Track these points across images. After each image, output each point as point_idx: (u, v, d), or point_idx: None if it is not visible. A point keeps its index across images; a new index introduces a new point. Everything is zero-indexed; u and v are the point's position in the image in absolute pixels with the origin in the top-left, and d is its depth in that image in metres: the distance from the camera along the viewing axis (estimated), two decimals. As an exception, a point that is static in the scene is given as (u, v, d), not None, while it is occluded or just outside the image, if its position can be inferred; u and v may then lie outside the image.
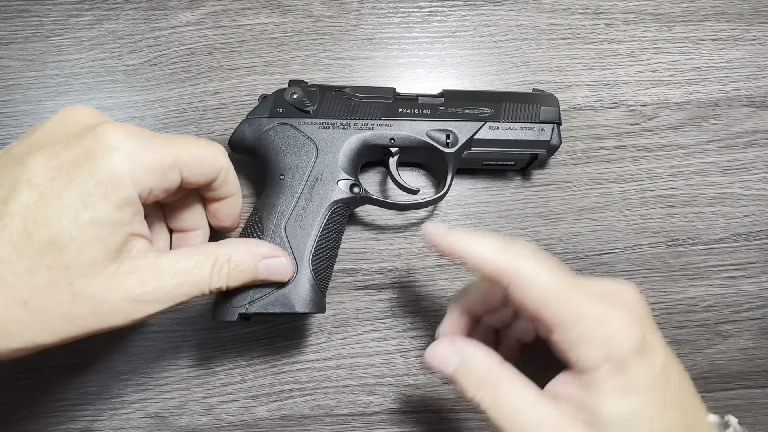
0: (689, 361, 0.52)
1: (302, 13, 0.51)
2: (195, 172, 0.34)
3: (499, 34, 0.52)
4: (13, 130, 0.49)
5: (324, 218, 0.43)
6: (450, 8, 0.52)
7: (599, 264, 0.51)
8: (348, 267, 0.50)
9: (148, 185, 0.31)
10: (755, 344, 0.52)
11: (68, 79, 0.50)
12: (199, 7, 0.51)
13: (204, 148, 0.35)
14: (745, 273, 0.52)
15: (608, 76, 0.53)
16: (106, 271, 0.29)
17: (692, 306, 0.52)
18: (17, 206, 0.28)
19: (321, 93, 0.45)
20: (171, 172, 0.33)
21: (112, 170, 0.29)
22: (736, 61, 0.53)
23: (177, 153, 0.33)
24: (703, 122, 0.53)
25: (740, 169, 0.53)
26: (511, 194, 0.52)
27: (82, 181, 0.29)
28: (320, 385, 0.49)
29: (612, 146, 0.52)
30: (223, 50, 0.51)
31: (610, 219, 0.52)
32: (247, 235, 0.42)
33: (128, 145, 0.30)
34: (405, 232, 0.51)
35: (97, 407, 0.48)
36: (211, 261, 0.34)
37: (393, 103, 0.46)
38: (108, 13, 0.50)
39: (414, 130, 0.46)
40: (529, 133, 0.47)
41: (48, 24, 0.50)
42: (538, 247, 0.34)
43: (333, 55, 0.51)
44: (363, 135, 0.45)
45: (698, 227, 0.52)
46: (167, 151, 0.32)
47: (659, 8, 0.53)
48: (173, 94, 0.50)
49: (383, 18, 0.52)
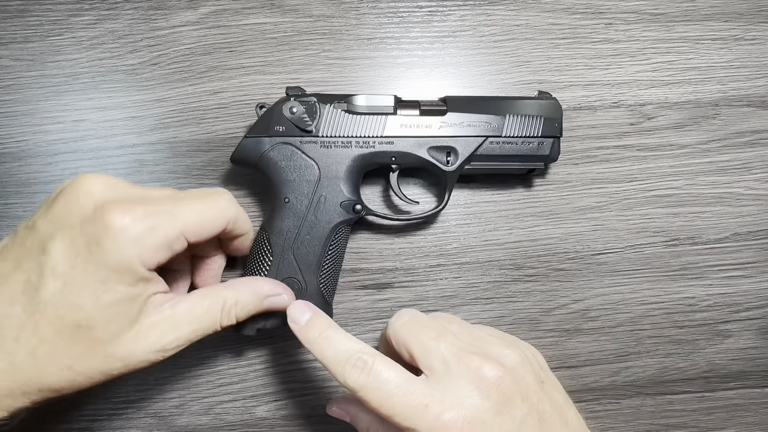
0: (689, 360, 0.52)
1: (302, 12, 0.51)
2: (202, 234, 0.36)
3: (498, 34, 0.52)
4: (12, 130, 0.49)
5: (329, 239, 0.45)
6: (450, 8, 0.52)
7: (599, 264, 0.51)
8: (348, 267, 0.50)
9: (156, 260, 0.34)
10: (755, 344, 0.52)
11: (68, 79, 0.50)
12: (199, 6, 0.51)
13: (209, 207, 0.37)
14: (744, 273, 0.52)
15: (608, 76, 0.53)
16: (130, 334, 0.34)
17: (692, 306, 0.52)
18: (47, 294, 0.32)
19: (320, 106, 0.45)
20: (177, 242, 0.35)
21: (121, 258, 0.32)
22: (735, 61, 0.53)
23: (183, 223, 0.35)
24: (702, 122, 0.53)
25: (740, 169, 0.53)
26: (510, 194, 0.52)
27: (96, 270, 0.32)
28: (320, 385, 0.49)
29: (612, 146, 0.52)
30: (222, 50, 0.51)
31: (609, 219, 0.52)
32: (256, 257, 0.44)
33: (134, 229, 0.32)
34: (405, 232, 0.51)
35: (97, 407, 0.48)
36: (220, 305, 0.38)
37: (394, 117, 0.45)
38: (108, 13, 0.50)
39: (415, 147, 0.46)
40: (529, 147, 0.47)
41: (48, 24, 0.50)
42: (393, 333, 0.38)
43: (333, 54, 0.51)
44: (364, 153, 0.45)
45: (698, 227, 0.52)
46: (172, 226, 0.34)
47: (659, 8, 0.53)
48: (173, 94, 0.50)
49: (383, 18, 0.52)
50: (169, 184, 0.50)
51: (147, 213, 0.33)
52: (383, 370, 0.34)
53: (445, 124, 0.46)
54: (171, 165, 0.50)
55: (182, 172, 0.50)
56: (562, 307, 0.51)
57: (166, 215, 0.34)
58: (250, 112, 0.50)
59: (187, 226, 0.35)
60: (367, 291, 0.50)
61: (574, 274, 0.51)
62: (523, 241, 0.51)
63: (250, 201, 0.50)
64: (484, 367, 0.34)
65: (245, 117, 0.50)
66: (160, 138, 0.50)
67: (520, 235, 0.51)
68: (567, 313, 0.51)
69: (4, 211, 0.49)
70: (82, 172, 0.38)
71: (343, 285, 0.50)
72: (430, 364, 0.35)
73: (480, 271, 0.51)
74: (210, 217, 0.37)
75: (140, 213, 0.33)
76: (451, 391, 0.33)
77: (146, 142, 0.50)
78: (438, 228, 0.51)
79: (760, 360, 0.52)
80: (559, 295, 0.51)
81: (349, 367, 0.34)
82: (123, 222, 0.32)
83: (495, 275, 0.51)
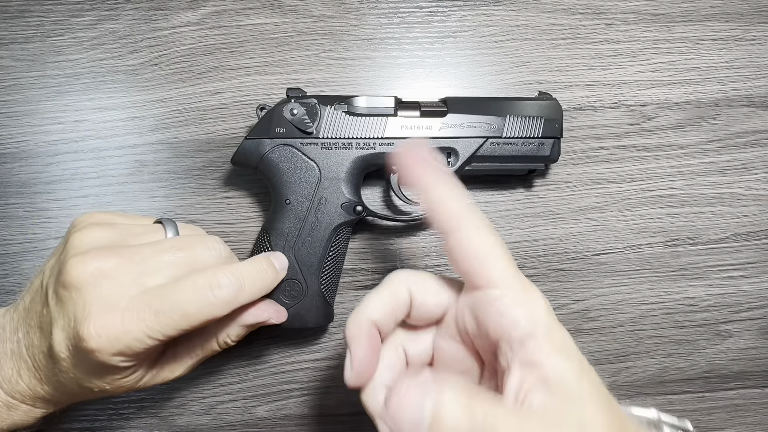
0: (689, 360, 0.52)
1: (302, 13, 0.51)
2: (198, 324, 0.36)
3: (499, 34, 0.52)
4: (13, 130, 0.49)
5: (330, 241, 0.45)
6: (450, 8, 0.52)
7: (599, 264, 0.51)
8: (348, 267, 0.50)
9: (144, 352, 0.35)
10: (755, 344, 0.52)
11: (69, 79, 0.50)
12: (200, 7, 0.51)
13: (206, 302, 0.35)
14: (745, 273, 0.52)
15: (608, 76, 0.53)
16: (142, 382, 0.38)
17: (692, 306, 0.52)
18: (64, 365, 0.35)
19: (321, 107, 0.45)
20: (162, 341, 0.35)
21: (107, 363, 0.34)
22: (736, 61, 0.53)
23: (168, 327, 0.34)
24: (703, 122, 0.53)
25: (740, 169, 0.53)
26: (511, 194, 0.52)
27: (90, 365, 0.34)
28: (320, 385, 0.49)
29: (612, 146, 0.52)
30: (223, 50, 0.51)
31: (610, 219, 0.52)
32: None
33: (111, 348, 0.33)
34: (405, 233, 0.51)
35: (97, 407, 0.48)
36: (213, 338, 0.40)
37: (395, 119, 0.45)
38: (108, 14, 0.50)
39: None
40: (529, 148, 0.47)
41: (48, 24, 0.50)
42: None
43: (333, 55, 0.51)
44: (365, 155, 0.45)
45: (698, 227, 0.52)
46: (157, 332, 0.34)
47: (659, 8, 0.53)
48: (173, 94, 0.50)
49: (383, 18, 0.52)
50: (170, 184, 0.50)
51: (125, 324, 0.33)
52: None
53: (446, 126, 0.46)
54: (171, 165, 0.50)
55: (182, 173, 0.50)
56: (563, 308, 0.51)
57: (150, 319, 0.33)
58: (251, 112, 0.50)
59: (173, 328, 0.34)
60: (367, 291, 0.50)
61: (575, 274, 0.51)
62: (523, 242, 0.51)
63: (251, 202, 0.50)
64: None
65: (246, 117, 0.50)
66: (161, 138, 0.50)
67: (520, 235, 0.51)
68: (567, 314, 0.51)
69: (5, 211, 0.49)
70: (80, 213, 0.41)
71: (344, 285, 0.50)
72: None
73: (480, 272, 0.51)
74: (207, 313, 0.35)
75: (117, 327, 0.33)
76: None
77: (147, 143, 0.50)
78: (438, 228, 0.51)
79: (761, 360, 0.52)
80: (559, 296, 0.51)
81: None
82: (99, 343, 0.33)
83: (495, 275, 0.51)
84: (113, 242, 0.36)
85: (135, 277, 0.34)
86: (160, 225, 0.40)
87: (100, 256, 0.34)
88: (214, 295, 0.34)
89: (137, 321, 0.33)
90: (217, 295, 0.34)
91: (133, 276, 0.34)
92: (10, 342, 0.37)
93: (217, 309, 0.35)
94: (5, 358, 0.36)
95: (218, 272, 0.35)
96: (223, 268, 0.36)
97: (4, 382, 0.36)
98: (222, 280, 0.35)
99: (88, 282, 0.33)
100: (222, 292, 0.34)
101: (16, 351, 0.36)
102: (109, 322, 0.33)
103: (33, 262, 0.49)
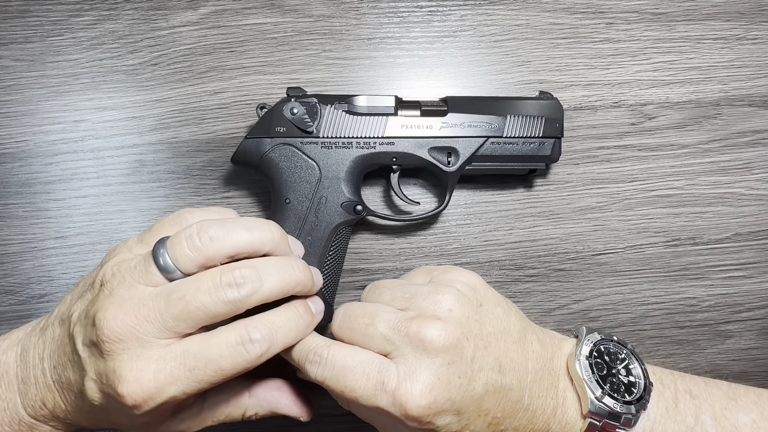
0: (690, 361, 0.51)
1: (302, 12, 0.51)
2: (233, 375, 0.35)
3: (499, 34, 0.52)
4: (13, 130, 0.49)
5: (330, 240, 0.45)
6: (450, 8, 0.52)
7: (600, 264, 0.51)
8: (348, 267, 0.50)
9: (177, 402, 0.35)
10: (756, 344, 0.52)
11: (68, 79, 0.50)
12: (199, 7, 0.51)
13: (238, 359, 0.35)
14: (746, 273, 0.52)
15: (609, 76, 0.53)
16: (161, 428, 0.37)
17: (693, 306, 0.52)
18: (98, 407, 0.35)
19: (321, 107, 0.45)
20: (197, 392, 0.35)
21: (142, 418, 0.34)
22: (737, 61, 0.53)
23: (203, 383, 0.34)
24: (704, 122, 0.53)
25: (741, 169, 0.52)
26: (511, 194, 0.51)
27: (122, 413, 0.34)
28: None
29: (612, 146, 0.52)
30: (223, 50, 0.51)
31: (610, 219, 0.51)
32: None
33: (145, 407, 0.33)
34: (405, 233, 0.51)
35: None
36: (240, 413, 0.39)
37: (395, 118, 0.45)
38: (108, 13, 0.50)
39: (416, 148, 0.46)
40: (530, 147, 0.46)
41: (48, 24, 0.50)
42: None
43: (333, 54, 0.51)
44: (365, 154, 0.45)
45: (699, 227, 0.52)
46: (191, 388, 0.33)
47: (660, 7, 0.53)
48: (173, 94, 0.50)
49: (383, 18, 0.52)
50: (170, 184, 0.50)
51: (159, 380, 0.32)
52: (338, 358, 0.35)
53: (446, 125, 0.46)
54: (171, 165, 0.50)
55: (182, 173, 0.50)
56: (563, 308, 0.51)
57: (185, 376, 0.33)
58: (251, 112, 0.50)
59: (208, 383, 0.33)
60: (367, 291, 0.50)
61: (575, 274, 0.51)
62: (523, 242, 0.51)
63: (251, 202, 0.50)
64: (422, 330, 0.35)
65: (245, 117, 0.50)
66: (161, 138, 0.50)
67: (520, 235, 0.51)
68: (568, 314, 0.51)
69: (4, 211, 0.49)
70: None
71: (344, 285, 0.50)
72: (378, 348, 0.36)
73: (480, 272, 0.51)
74: (242, 368, 0.34)
75: (151, 384, 0.32)
76: (402, 363, 0.35)
77: (146, 143, 0.50)
78: (438, 228, 0.51)
79: (762, 360, 0.52)
80: (559, 296, 0.51)
81: (309, 364, 0.36)
82: (136, 401, 0.32)
83: (495, 275, 0.51)
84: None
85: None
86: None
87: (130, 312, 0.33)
88: (246, 351, 0.33)
89: (172, 379, 0.32)
90: (250, 351, 0.34)
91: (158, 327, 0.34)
92: (34, 369, 0.36)
93: (250, 363, 0.34)
94: (30, 383, 0.36)
95: (249, 326, 0.34)
96: (253, 322, 0.34)
97: (28, 406, 0.36)
98: (254, 335, 0.34)
99: (121, 338, 0.33)
100: (254, 348, 0.34)
101: (41, 380, 0.36)
102: (143, 378, 0.32)
103: (32, 262, 0.49)
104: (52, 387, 0.36)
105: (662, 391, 0.39)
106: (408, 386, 0.34)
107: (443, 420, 0.34)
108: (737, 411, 0.38)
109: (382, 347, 0.36)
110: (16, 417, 0.36)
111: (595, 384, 0.37)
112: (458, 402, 0.34)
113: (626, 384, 0.38)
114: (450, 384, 0.34)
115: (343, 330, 0.38)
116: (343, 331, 0.38)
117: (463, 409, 0.35)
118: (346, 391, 0.35)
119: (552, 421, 0.37)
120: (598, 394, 0.37)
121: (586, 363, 0.38)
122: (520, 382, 0.36)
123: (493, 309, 0.38)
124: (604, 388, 0.37)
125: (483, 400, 0.35)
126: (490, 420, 0.36)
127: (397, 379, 0.34)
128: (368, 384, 0.34)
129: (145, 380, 0.32)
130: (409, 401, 0.33)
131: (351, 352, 0.36)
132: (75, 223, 0.49)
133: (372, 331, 0.36)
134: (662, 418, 0.38)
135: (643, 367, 0.39)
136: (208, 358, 0.33)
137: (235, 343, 0.33)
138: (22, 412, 0.36)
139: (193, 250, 0.33)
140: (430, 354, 0.34)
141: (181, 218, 0.37)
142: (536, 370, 0.37)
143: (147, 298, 0.33)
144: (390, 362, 0.35)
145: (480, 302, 0.38)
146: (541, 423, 0.37)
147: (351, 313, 0.38)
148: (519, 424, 0.37)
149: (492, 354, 0.36)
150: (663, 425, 0.38)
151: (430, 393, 0.34)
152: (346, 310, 0.39)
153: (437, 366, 0.34)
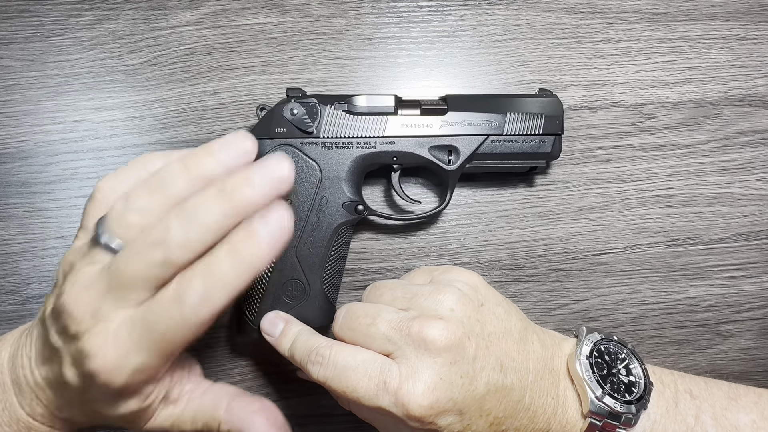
0: (690, 361, 0.51)
1: (302, 12, 0.51)
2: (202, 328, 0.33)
3: (499, 34, 0.52)
4: (13, 130, 0.49)
5: (332, 241, 0.45)
6: (450, 8, 0.52)
7: (600, 264, 0.51)
8: (348, 267, 0.50)
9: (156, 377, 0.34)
10: (756, 344, 0.52)
11: (68, 79, 0.50)
12: (199, 6, 0.51)
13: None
14: (746, 273, 0.52)
15: (609, 76, 0.53)
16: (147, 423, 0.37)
17: (693, 306, 0.52)
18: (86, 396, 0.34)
19: (321, 107, 0.45)
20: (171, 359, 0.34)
21: (121, 393, 0.33)
22: (737, 60, 0.53)
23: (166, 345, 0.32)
24: (704, 122, 0.53)
25: (741, 169, 0.52)
26: (511, 194, 0.51)
27: (103, 407, 0.34)
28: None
29: (612, 146, 0.52)
30: (223, 50, 0.51)
31: (610, 219, 0.51)
32: None
33: (117, 380, 0.32)
34: (405, 233, 0.51)
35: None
36: (215, 425, 0.38)
37: (395, 117, 0.45)
38: (108, 13, 0.50)
39: (416, 147, 0.46)
40: (530, 145, 0.47)
41: (48, 24, 0.50)
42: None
43: (333, 54, 0.51)
44: (366, 154, 0.45)
45: (699, 227, 0.52)
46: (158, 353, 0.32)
47: (660, 7, 0.53)
48: (173, 94, 0.50)
49: (383, 18, 0.52)
50: (170, 184, 0.50)
51: (119, 354, 0.31)
52: (340, 359, 0.35)
53: (446, 124, 0.46)
54: (171, 165, 0.50)
55: (182, 173, 0.50)
56: (563, 308, 0.51)
57: (136, 344, 0.30)
58: (251, 112, 0.50)
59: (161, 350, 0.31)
60: (367, 291, 0.50)
61: (575, 274, 0.51)
62: (523, 241, 0.51)
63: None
64: (424, 329, 0.35)
65: (245, 117, 0.50)
66: (161, 138, 0.50)
67: (520, 235, 0.51)
68: (568, 314, 0.51)
69: (4, 210, 0.49)
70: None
71: (344, 285, 0.50)
72: (380, 348, 0.36)
73: (480, 272, 0.51)
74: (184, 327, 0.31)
75: (114, 359, 0.30)
76: (404, 362, 0.35)
77: (146, 143, 0.50)
78: (438, 228, 0.51)
79: (762, 360, 0.52)
80: (559, 296, 0.51)
81: (310, 364, 0.36)
82: (107, 379, 0.31)
83: (495, 275, 0.51)
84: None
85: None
86: None
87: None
88: (182, 306, 0.30)
89: (128, 348, 0.31)
90: (186, 304, 0.29)
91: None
92: (23, 368, 0.36)
93: (191, 321, 0.30)
94: (22, 384, 0.36)
95: (182, 278, 0.30)
96: (186, 271, 0.30)
97: (25, 405, 0.36)
98: (185, 287, 0.30)
99: (83, 318, 0.32)
100: (190, 299, 0.29)
101: (31, 379, 0.36)
102: (106, 352, 0.31)
103: (32, 262, 0.49)
104: (41, 384, 0.36)
105: (662, 390, 0.39)
106: (410, 386, 0.34)
107: (445, 420, 0.34)
108: (737, 411, 0.38)
109: (384, 347, 0.36)
110: (14, 417, 0.36)
111: (595, 384, 0.37)
112: (460, 402, 0.34)
113: (626, 384, 0.38)
114: (452, 384, 0.34)
115: (344, 330, 0.38)
116: (344, 332, 0.38)
117: (465, 409, 0.35)
118: (348, 391, 0.35)
119: (552, 420, 0.37)
120: (598, 393, 0.37)
121: (587, 363, 0.38)
122: (521, 382, 0.36)
123: (494, 309, 0.39)
124: (605, 387, 0.37)
125: (485, 400, 0.35)
126: (491, 420, 0.36)
127: (399, 379, 0.34)
128: (370, 384, 0.34)
129: (108, 353, 0.31)
130: (412, 401, 0.33)
131: (353, 353, 0.36)
132: (75, 223, 0.49)
133: (374, 332, 0.36)
134: (662, 417, 0.38)
135: (644, 366, 0.39)
136: (150, 322, 0.30)
137: (168, 300, 0.30)
138: (20, 412, 0.36)
139: (124, 227, 0.31)
140: (432, 354, 0.35)
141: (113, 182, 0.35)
142: (537, 370, 0.37)
143: (95, 275, 0.32)
144: (392, 362, 0.35)
145: (481, 302, 0.38)
146: (541, 423, 0.37)
147: (352, 313, 0.38)
148: (520, 424, 0.37)
149: (493, 354, 0.36)
150: (663, 425, 0.38)
151: (433, 393, 0.34)
152: (347, 311, 0.39)
153: (439, 366, 0.34)
